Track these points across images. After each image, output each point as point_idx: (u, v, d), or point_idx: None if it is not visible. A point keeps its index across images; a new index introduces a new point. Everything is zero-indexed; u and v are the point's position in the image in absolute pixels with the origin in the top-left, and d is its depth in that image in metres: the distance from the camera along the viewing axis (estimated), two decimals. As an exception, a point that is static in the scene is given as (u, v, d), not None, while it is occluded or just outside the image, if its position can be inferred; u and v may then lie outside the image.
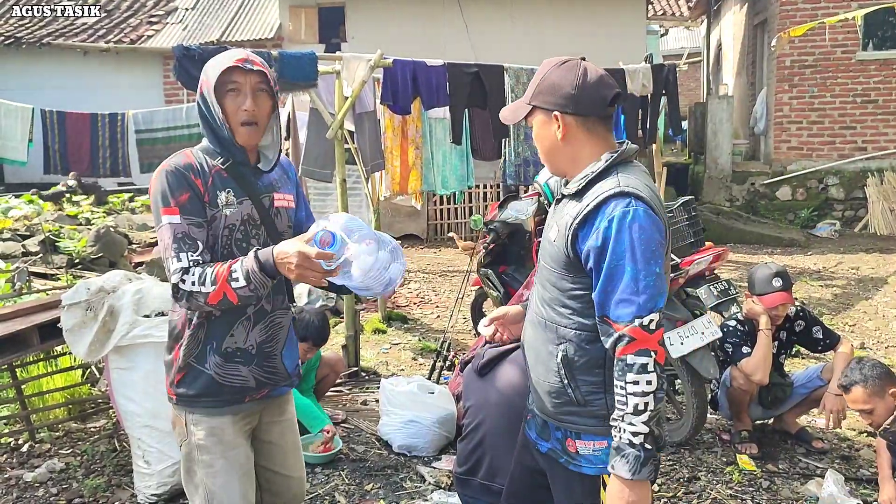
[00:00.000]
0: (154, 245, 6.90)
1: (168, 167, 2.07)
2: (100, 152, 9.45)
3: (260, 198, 2.17)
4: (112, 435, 4.19)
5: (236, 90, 2.08)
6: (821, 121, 11.68)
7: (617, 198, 1.81)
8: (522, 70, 6.49)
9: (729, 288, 4.17)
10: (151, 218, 7.81)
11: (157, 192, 2.06)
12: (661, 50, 19.45)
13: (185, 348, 2.14)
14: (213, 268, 1.99)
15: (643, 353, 1.75)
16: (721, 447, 4.03)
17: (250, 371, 2.18)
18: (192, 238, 2.04)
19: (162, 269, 5.97)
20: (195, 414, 2.18)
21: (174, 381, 2.18)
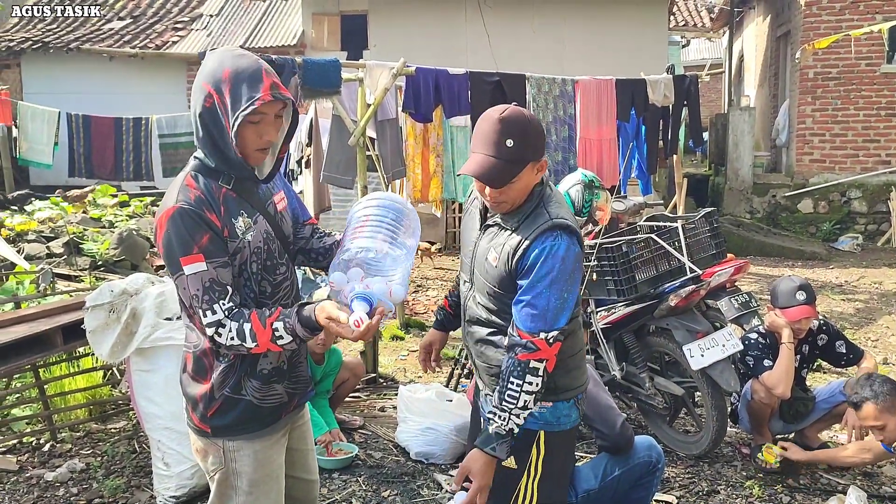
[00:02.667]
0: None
1: (177, 209, 1.88)
2: (123, 156, 9.58)
3: (266, 208, 2.07)
4: (132, 436, 4.22)
5: (260, 122, 1.91)
6: (844, 133, 11.58)
7: (549, 231, 2.15)
8: (544, 79, 6.51)
9: (750, 300, 4.14)
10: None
11: (171, 239, 1.88)
12: (682, 61, 19.40)
13: (219, 380, 2.01)
14: (249, 323, 1.89)
15: (541, 361, 2.13)
16: (741, 461, 4.00)
17: (284, 387, 2.11)
18: (221, 283, 1.90)
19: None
20: (235, 441, 2.06)
21: (207, 415, 2.04)
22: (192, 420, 2.09)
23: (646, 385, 4.08)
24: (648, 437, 3.04)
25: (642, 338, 4.17)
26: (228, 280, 1.93)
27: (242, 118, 1.86)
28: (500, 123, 2.13)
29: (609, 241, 4.08)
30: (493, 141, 2.14)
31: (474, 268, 2.35)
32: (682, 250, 4.01)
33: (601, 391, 2.93)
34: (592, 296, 4.17)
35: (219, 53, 1.96)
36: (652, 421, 4.22)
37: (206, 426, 2.05)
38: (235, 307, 1.92)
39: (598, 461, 2.98)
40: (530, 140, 2.16)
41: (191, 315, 1.96)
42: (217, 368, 2.01)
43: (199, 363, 2.04)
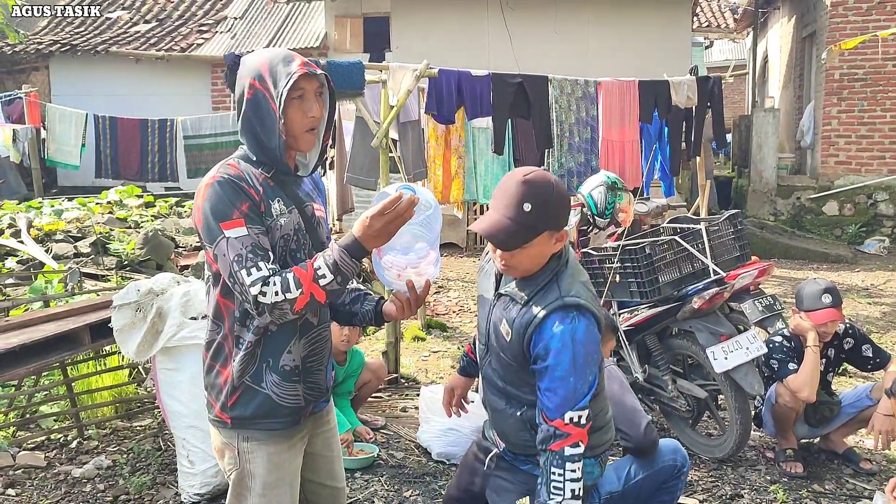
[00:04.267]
0: (199, 249, 7.02)
1: (218, 178, 1.94)
2: (149, 157, 9.70)
3: (304, 207, 2.09)
4: (157, 434, 4.27)
5: (302, 97, 1.96)
6: (870, 135, 11.44)
7: (562, 311, 2.12)
8: (566, 81, 6.50)
9: (774, 303, 4.11)
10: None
11: (211, 205, 1.91)
12: (705, 62, 19.25)
13: (239, 367, 2.01)
14: (290, 272, 1.88)
15: (576, 446, 2.10)
16: (765, 465, 3.97)
17: (302, 389, 2.08)
18: (263, 248, 1.91)
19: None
20: (251, 441, 2.06)
21: (227, 404, 2.04)
22: (213, 410, 2.09)
23: (668, 387, 4.07)
24: (674, 441, 3.03)
25: (665, 340, 4.16)
26: (270, 247, 1.93)
27: (286, 93, 1.93)
28: (522, 185, 2.10)
29: (632, 242, 4.06)
30: (512, 203, 2.10)
31: (490, 332, 2.33)
32: (706, 252, 3.99)
33: (626, 393, 2.92)
34: (615, 298, 4.16)
35: (250, 56, 2.05)
36: (675, 423, 4.20)
37: (225, 416, 2.05)
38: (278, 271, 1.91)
39: (622, 463, 2.97)
40: (550, 208, 2.12)
41: (231, 283, 1.91)
42: (236, 356, 2.00)
43: (219, 349, 2.05)
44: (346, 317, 2.25)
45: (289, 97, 1.94)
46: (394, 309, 2.12)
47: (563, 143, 6.42)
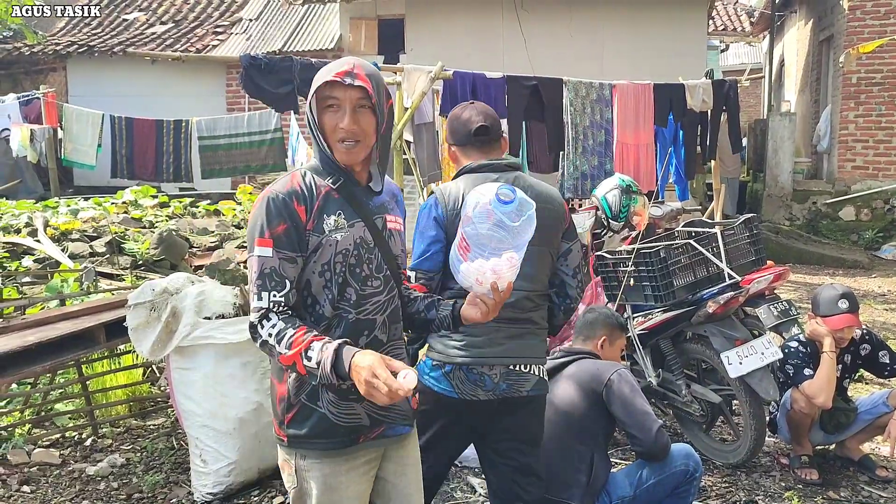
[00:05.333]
0: (213, 249, 7.05)
1: (272, 193, 1.92)
2: (164, 158, 9.75)
3: (373, 219, 2.01)
4: (171, 433, 4.29)
5: (335, 106, 1.91)
6: (888, 140, 11.35)
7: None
8: (581, 84, 6.49)
9: (789, 308, 4.07)
10: (212, 223, 8.01)
11: (254, 219, 1.91)
12: (721, 65, 19.16)
13: (294, 384, 1.94)
14: (294, 330, 1.81)
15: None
16: (780, 471, 3.93)
17: (363, 408, 1.96)
18: (280, 275, 1.87)
19: (223, 273, 6.11)
20: (307, 460, 1.97)
21: (284, 421, 1.97)
22: (274, 426, 2.02)
23: (682, 392, 4.04)
24: (686, 445, 3.01)
25: (679, 344, 4.13)
26: (291, 277, 1.88)
27: (315, 102, 1.92)
28: None
29: (647, 246, 4.04)
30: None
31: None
32: (721, 256, 3.97)
33: (637, 397, 2.91)
34: (629, 301, 4.14)
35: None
36: (688, 428, 4.18)
37: (282, 434, 1.98)
38: (288, 306, 1.87)
39: (634, 468, 2.96)
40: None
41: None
42: (291, 374, 1.93)
43: (277, 364, 1.95)
44: (423, 324, 2.16)
45: (320, 106, 1.91)
46: (476, 312, 2.00)
47: (577, 146, 6.41)
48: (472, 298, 2.01)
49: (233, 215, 8.45)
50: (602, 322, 3.28)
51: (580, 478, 2.85)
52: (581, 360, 3.06)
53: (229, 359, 3.69)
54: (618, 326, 3.31)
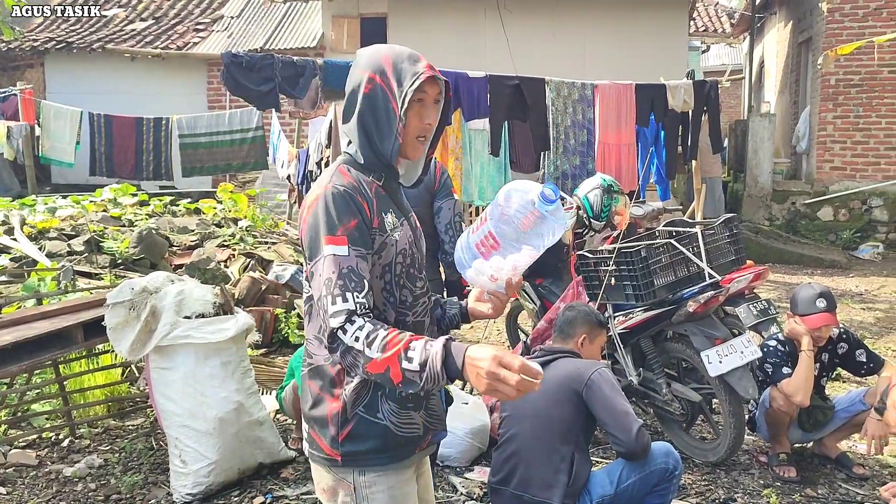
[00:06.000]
0: (194, 248, 7.00)
1: (332, 187, 1.76)
2: (144, 156, 9.68)
3: (410, 217, 1.93)
4: (150, 433, 4.26)
5: (423, 101, 1.82)
6: (865, 141, 11.47)
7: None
8: (563, 83, 6.50)
9: (769, 307, 4.10)
10: (192, 222, 7.95)
11: (319, 215, 1.73)
12: (702, 66, 19.30)
13: (353, 395, 1.78)
14: (386, 332, 1.62)
15: None
16: (758, 469, 3.97)
17: (421, 416, 1.86)
18: (359, 275, 1.69)
19: (203, 272, 6.06)
20: (368, 474, 1.81)
21: (338, 438, 1.79)
22: (321, 447, 1.83)
23: (663, 391, 4.06)
24: (666, 444, 3.03)
25: (660, 343, 4.16)
26: (367, 275, 1.72)
27: (412, 94, 1.78)
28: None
29: (628, 245, 4.06)
30: None
31: None
32: (702, 256, 3.99)
33: (618, 396, 2.92)
34: (610, 300, 4.16)
35: (369, 48, 1.88)
36: (668, 427, 4.20)
37: (336, 453, 1.80)
38: (369, 308, 1.69)
39: (614, 467, 2.97)
40: None
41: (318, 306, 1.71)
42: (348, 384, 1.78)
43: (327, 375, 1.81)
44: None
45: (411, 98, 1.80)
46: (489, 309, 1.94)
47: (559, 146, 6.43)
48: (480, 295, 1.96)
49: (213, 214, 8.39)
50: (581, 320, 3.29)
51: (561, 477, 2.85)
52: (561, 359, 3.06)
53: (209, 358, 3.67)
54: (597, 324, 3.32)
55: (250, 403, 3.78)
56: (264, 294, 6.20)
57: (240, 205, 8.46)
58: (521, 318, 5.87)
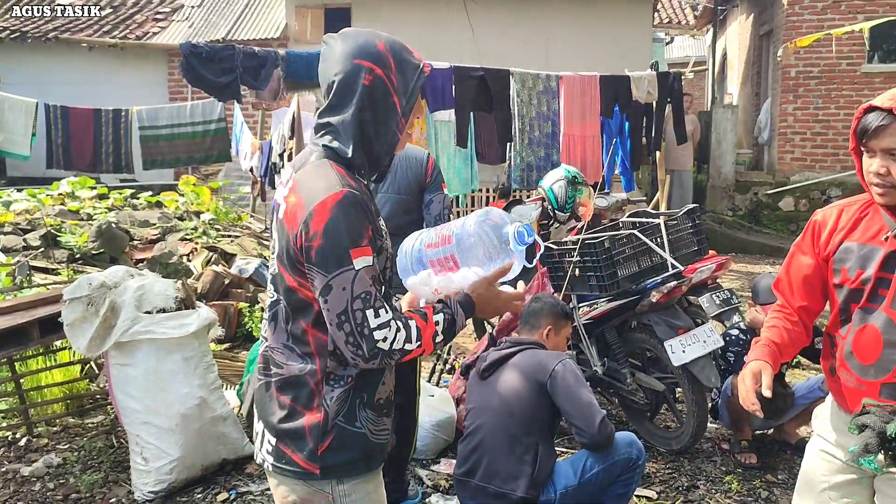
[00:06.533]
0: (155, 242, 6.88)
1: (347, 192, 1.64)
2: (103, 148, 9.49)
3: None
4: (110, 431, 4.18)
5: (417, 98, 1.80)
6: (825, 132, 11.67)
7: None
8: (528, 75, 6.50)
9: (731, 297, 4.15)
10: (154, 215, 7.82)
11: (342, 226, 1.61)
12: (666, 58, 19.46)
13: (334, 407, 1.72)
14: (412, 321, 1.67)
15: None
16: (720, 456, 4.02)
17: (390, 421, 1.84)
18: (380, 281, 1.70)
19: (165, 266, 5.97)
20: (347, 483, 1.76)
21: (318, 451, 1.72)
22: (294, 461, 1.74)
23: (627, 380, 4.09)
24: (630, 434, 3.05)
25: (624, 333, 4.18)
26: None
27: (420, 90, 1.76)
28: None
29: (592, 236, 4.08)
30: None
31: None
32: (665, 246, 4.02)
33: (582, 388, 2.93)
34: (575, 291, 4.17)
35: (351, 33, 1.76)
36: (633, 416, 4.24)
37: (314, 466, 1.73)
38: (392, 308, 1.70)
39: (578, 458, 2.99)
40: None
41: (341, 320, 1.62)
42: (331, 395, 1.72)
43: (303, 389, 1.73)
44: None
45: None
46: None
47: (524, 137, 6.44)
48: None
49: (175, 207, 8.27)
50: (547, 312, 3.29)
51: (525, 468, 2.86)
52: (526, 350, 3.07)
53: (171, 354, 3.62)
54: (563, 315, 3.33)
55: (213, 399, 3.73)
56: (227, 288, 6.12)
57: (202, 197, 8.34)
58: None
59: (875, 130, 1.88)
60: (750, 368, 2.09)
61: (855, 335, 2.01)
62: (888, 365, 1.95)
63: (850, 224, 2.04)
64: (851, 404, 2.02)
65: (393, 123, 1.74)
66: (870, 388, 1.98)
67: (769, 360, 2.10)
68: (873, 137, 1.89)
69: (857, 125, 1.94)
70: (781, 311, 2.20)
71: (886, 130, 1.86)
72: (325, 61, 1.75)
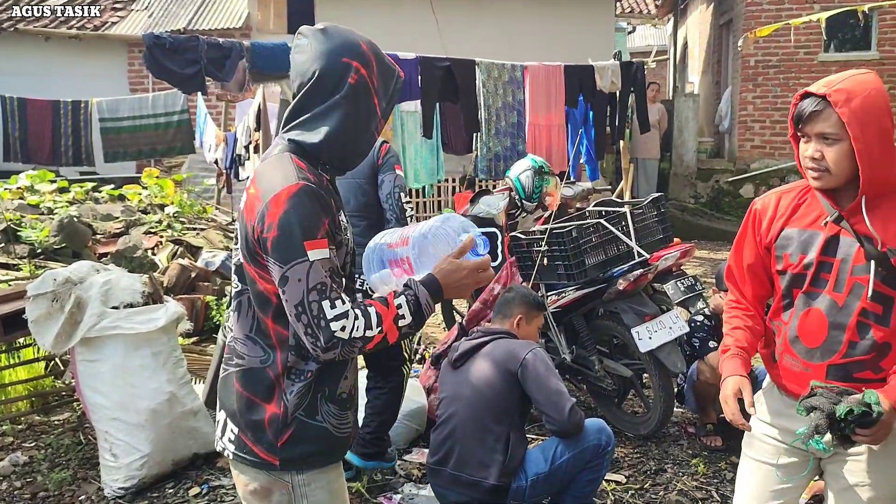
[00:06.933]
0: (119, 235, 6.78)
1: (304, 185, 1.64)
2: (62, 140, 9.31)
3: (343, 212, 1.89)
4: (77, 428, 4.14)
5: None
6: (783, 120, 11.88)
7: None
8: (493, 65, 6.53)
9: (695, 284, 4.23)
10: (117, 209, 7.69)
11: (297, 217, 1.62)
12: (628, 47, 19.64)
13: (294, 401, 1.72)
14: (372, 307, 1.65)
15: None
16: (687, 440, 4.11)
17: (352, 414, 1.86)
18: (339, 274, 1.71)
19: (129, 260, 5.89)
20: (306, 473, 1.78)
21: (275, 444, 1.74)
22: (254, 451, 1.76)
23: (595, 367, 4.16)
24: (599, 420, 3.10)
25: (591, 321, 4.24)
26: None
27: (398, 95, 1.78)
28: None
29: (559, 226, 4.12)
30: None
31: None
32: (631, 235, 4.08)
33: (552, 376, 2.97)
34: (543, 280, 4.22)
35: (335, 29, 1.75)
36: (601, 402, 4.31)
37: (272, 457, 1.74)
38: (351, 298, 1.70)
39: (549, 445, 3.03)
40: None
41: (299, 311, 1.62)
42: (291, 389, 1.73)
43: (263, 381, 1.74)
44: None
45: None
46: None
47: (490, 127, 6.46)
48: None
49: (139, 200, 8.14)
50: (518, 301, 3.33)
51: (497, 456, 2.90)
52: (498, 339, 3.10)
53: (139, 349, 3.59)
54: (534, 305, 3.37)
55: (183, 393, 3.71)
56: (194, 281, 6.06)
57: (166, 190, 8.23)
58: (455, 301, 5.91)
59: (809, 116, 1.94)
60: (730, 388, 2.08)
61: (799, 320, 2.05)
62: (834, 347, 2.00)
63: (789, 211, 2.09)
64: (798, 388, 2.04)
65: (373, 125, 1.76)
66: (816, 370, 2.02)
67: (744, 372, 2.11)
68: (808, 123, 1.95)
69: (794, 111, 1.99)
70: (738, 308, 2.22)
71: (820, 116, 1.92)
72: (303, 53, 1.74)
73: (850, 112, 1.88)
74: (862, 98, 1.89)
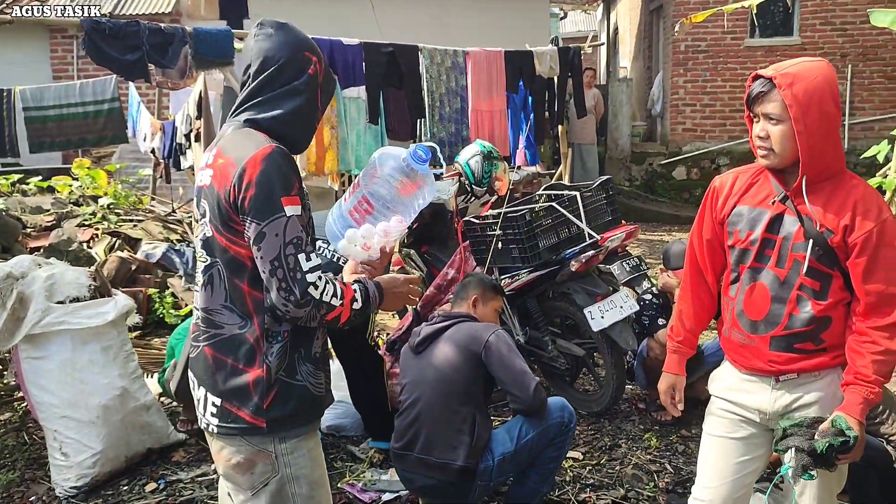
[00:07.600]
0: (51, 228, 6.54)
1: (275, 148, 1.77)
2: (-16, 131, 8.87)
3: None
4: (20, 428, 4.00)
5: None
6: (713, 104, 12.23)
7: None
8: (437, 51, 6.52)
9: (640, 264, 4.34)
10: (46, 201, 7.40)
11: (273, 175, 1.73)
12: (561, 33, 19.84)
13: (275, 361, 1.81)
14: (334, 280, 1.82)
15: None
16: (638, 416, 4.22)
17: (324, 376, 1.95)
18: (308, 233, 1.82)
19: (64, 254, 5.69)
20: (288, 441, 1.87)
21: (262, 406, 1.81)
22: (241, 417, 1.83)
23: (548, 348, 4.23)
24: (561, 399, 3.16)
25: (544, 303, 4.31)
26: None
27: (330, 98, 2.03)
28: None
29: (513, 209, 4.17)
30: None
31: None
32: (581, 217, 4.16)
33: (515, 356, 3.02)
34: (497, 264, 4.26)
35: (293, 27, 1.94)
36: (555, 382, 4.39)
37: (260, 420, 1.82)
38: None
39: (514, 424, 3.08)
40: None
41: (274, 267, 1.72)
42: (271, 350, 1.81)
43: (245, 345, 1.82)
44: None
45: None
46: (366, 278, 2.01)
47: (434, 113, 6.47)
48: (355, 267, 2.03)
49: (69, 192, 7.86)
50: (474, 284, 3.37)
51: (464, 438, 2.93)
52: (460, 323, 3.12)
53: (87, 344, 3.49)
54: (490, 287, 3.40)
55: (135, 388, 3.62)
56: (135, 274, 5.91)
57: (98, 181, 7.96)
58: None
59: (757, 97, 2.07)
60: (664, 384, 2.41)
61: (745, 294, 2.18)
62: (776, 319, 2.12)
63: (743, 189, 2.21)
64: (743, 360, 2.20)
65: (315, 117, 1.93)
66: (760, 342, 2.15)
67: (680, 370, 2.40)
68: (756, 103, 2.08)
69: (747, 92, 2.10)
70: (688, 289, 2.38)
71: (767, 97, 2.04)
72: (268, 41, 1.88)
73: (791, 95, 1.99)
74: (806, 83, 2.00)
